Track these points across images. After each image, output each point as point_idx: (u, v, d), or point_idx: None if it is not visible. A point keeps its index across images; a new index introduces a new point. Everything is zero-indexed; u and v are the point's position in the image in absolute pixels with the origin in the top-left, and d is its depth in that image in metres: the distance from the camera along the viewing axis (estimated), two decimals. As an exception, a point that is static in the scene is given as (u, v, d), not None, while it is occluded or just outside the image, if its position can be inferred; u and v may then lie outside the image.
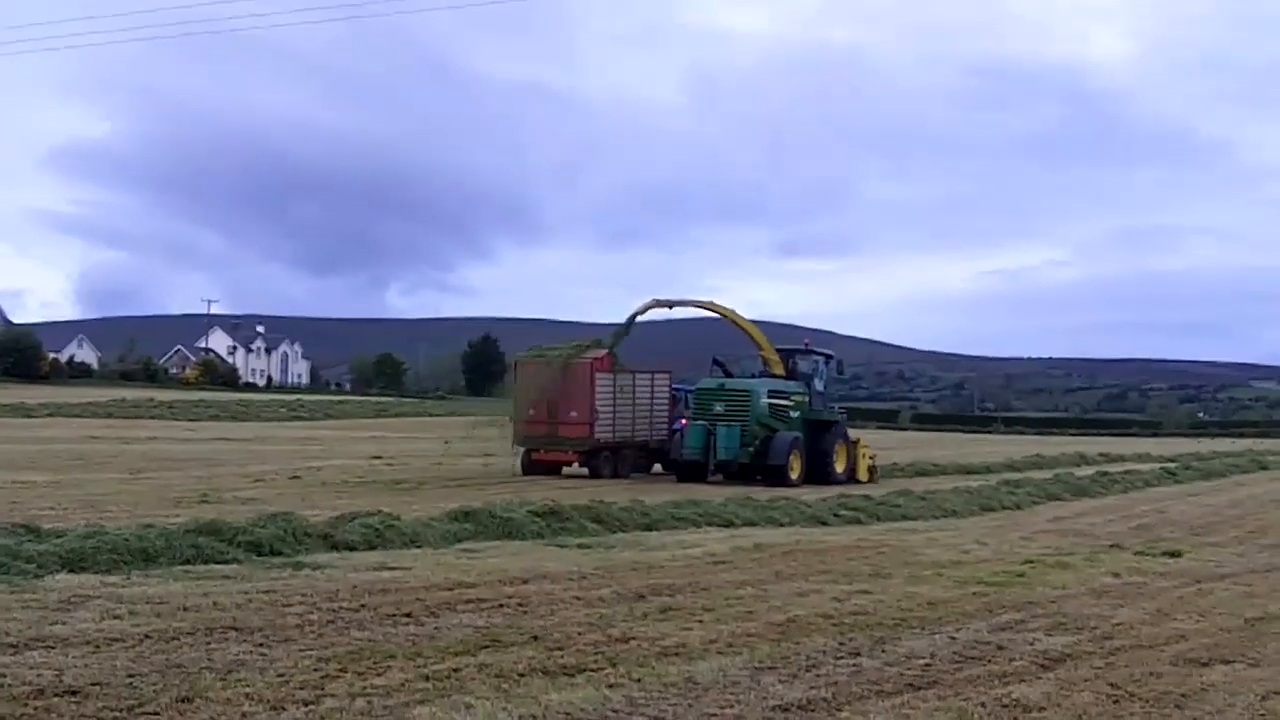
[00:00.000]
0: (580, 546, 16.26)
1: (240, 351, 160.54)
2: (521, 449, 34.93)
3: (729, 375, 36.52)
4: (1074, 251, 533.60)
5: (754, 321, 38.22)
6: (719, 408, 33.75)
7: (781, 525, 20.95)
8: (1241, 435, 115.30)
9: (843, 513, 22.91)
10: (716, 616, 11.17)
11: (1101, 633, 11.24)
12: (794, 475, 32.92)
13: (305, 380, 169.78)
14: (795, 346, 38.12)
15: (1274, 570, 16.87)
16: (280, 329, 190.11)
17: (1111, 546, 19.08)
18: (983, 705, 8.27)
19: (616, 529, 18.58)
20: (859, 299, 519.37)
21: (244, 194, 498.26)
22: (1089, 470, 39.98)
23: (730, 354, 38.98)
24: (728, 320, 37.08)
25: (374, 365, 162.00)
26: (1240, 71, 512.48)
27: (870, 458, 36.49)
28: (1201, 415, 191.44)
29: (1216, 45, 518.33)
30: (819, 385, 36.67)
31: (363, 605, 10.98)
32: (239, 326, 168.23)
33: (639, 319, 36.15)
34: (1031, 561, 16.42)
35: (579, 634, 10.05)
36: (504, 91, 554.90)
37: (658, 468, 36.25)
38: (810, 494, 26.24)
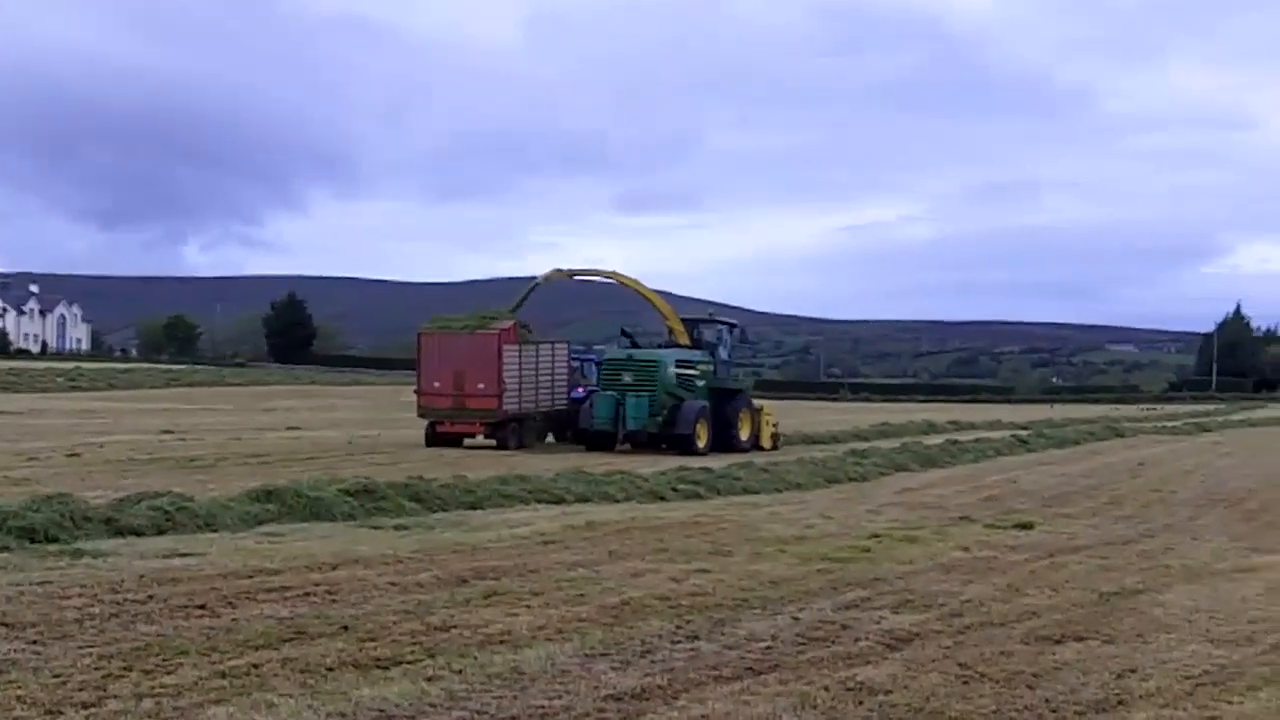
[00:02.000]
0: (397, 528, 16.14)
1: (11, 314, 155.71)
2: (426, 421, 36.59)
3: (636, 345, 38.98)
4: (929, 207, 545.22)
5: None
6: (627, 378, 35.88)
7: (616, 501, 21.03)
8: (1097, 401, 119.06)
9: (681, 487, 23.08)
10: (545, 601, 11.19)
11: (950, 610, 11.52)
12: (701, 444, 34.97)
13: (85, 346, 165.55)
14: (700, 316, 40.90)
15: (1130, 542, 17.47)
16: (58, 289, 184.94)
17: (961, 519, 19.57)
18: (826, 689, 8.43)
19: (437, 508, 18.46)
20: (702, 257, 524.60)
21: (21, 136, 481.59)
22: (938, 439, 40.92)
23: (569, 319, 40.31)
24: (632, 290, 39.60)
25: (164, 329, 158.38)
26: (1102, 15, 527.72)
27: (774, 425, 38.71)
28: (1055, 380, 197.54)
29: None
30: (723, 354, 38.97)
31: (151, 596, 10.75)
32: (9, 285, 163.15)
33: (541, 288, 38.52)
34: (878, 536, 16.77)
35: (394, 623, 9.98)
36: (321, 26, 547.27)
37: (550, 438, 38.22)
38: (647, 467, 26.37)
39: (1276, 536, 18.77)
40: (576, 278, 41.56)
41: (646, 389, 35.60)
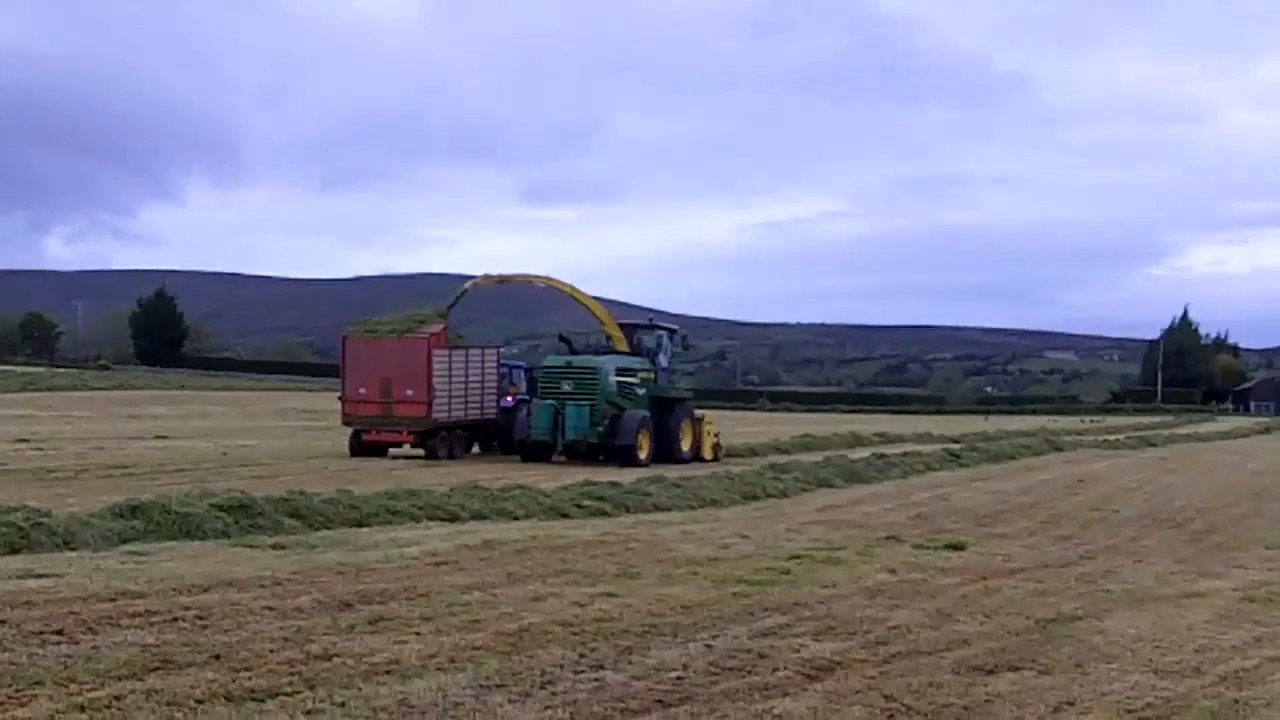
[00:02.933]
0: (274, 547, 16.01)
1: None
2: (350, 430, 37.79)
3: (574, 352, 40.25)
4: (853, 202, 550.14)
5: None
6: (566, 386, 37.05)
7: (515, 519, 21.01)
8: (1034, 413, 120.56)
9: (586, 503, 23.10)
10: (437, 627, 11.15)
11: (875, 637, 11.61)
12: (643, 455, 36.34)
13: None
14: (639, 321, 42.58)
15: (1068, 565, 17.67)
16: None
17: (888, 539, 19.71)
18: (742, 723, 8.46)
19: (319, 525, 18.37)
20: (608, 254, 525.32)
21: None
22: (864, 452, 41.15)
23: (473, 318, 40.79)
24: (567, 295, 41.24)
25: (19, 327, 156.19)
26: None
27: (715, 435, 40.17)
28: (990, 390, 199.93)
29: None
30: (663, 361, 40.16)
31: (2, 621, 10.60)
32: None
33: (470, 294, 39.83)
34: (798, 557, 16.85)
35: (271, 651, 9.91)
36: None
37: (476, 448, 39.62)
38: (549, 482, 26.37)
39: (1225, 559, 19.02)
40: (508, 283, 42.95)
41: (586, 398, 36.63)
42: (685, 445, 38.55)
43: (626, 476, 27.88)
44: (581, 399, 36.66)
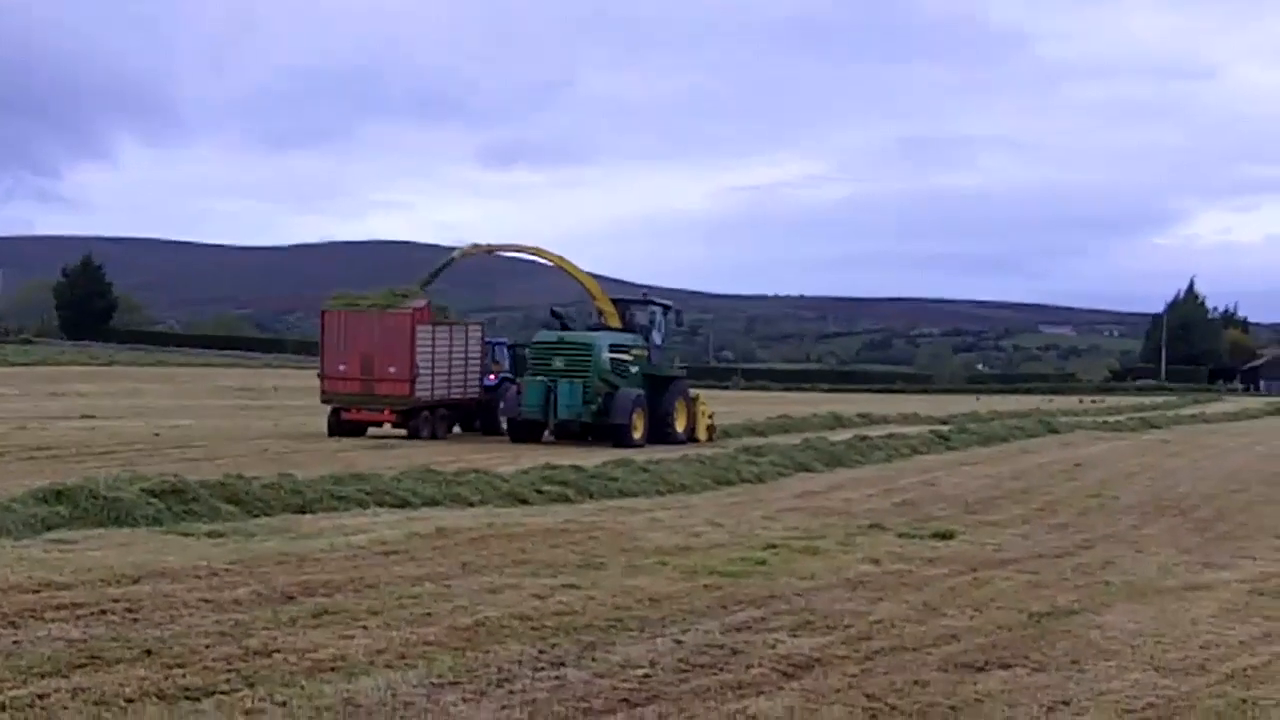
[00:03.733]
0: (211, 535, 16.00)
1: None
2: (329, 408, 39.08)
3: (566, 328, 41.41)
4: (838, 165, 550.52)
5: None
6: (559, 363, 38.22)
7: (471, 505, 21.02)
8: (1028, 392, 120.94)
9: (546, 489, 23.10)
10: (385, 621, 11.16)
11: (857, 632, 11.66)
12: (637, 435, 37.57)
13: None
14: (632, 296, 43.95)
15: (1064, 555, 17.75)
16: None
17: (871, 527, 19.78)
18: (713, 724, 8.50)
19: (259, 512, 18.35)
20: (575, 220, 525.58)
21: None
22: (845, 434, 41.19)
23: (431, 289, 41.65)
24: (558, 267, 42.75)
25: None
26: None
27: (709, 416, 41.41)
28: (981, 367, 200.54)
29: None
30: (657, 338, 41.50)
31: (-84, 614, 10.58)
32: None
33: (456, 265, 41.25)
34: (775, 546, 16.90)
35: (206, 647, 9.91)
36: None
37: (457, 429, 40.86)
38: (507, 465, 26.39)
39: (1232, 549, 19.12)
40: (496, 253, 45.06)
41: (579, 374, 37.74)
42: (680, 426, 39.63)
43: (590, 460, 27.88)
44: (574, 376, 37.63)
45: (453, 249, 42.38)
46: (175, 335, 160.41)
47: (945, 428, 46.31)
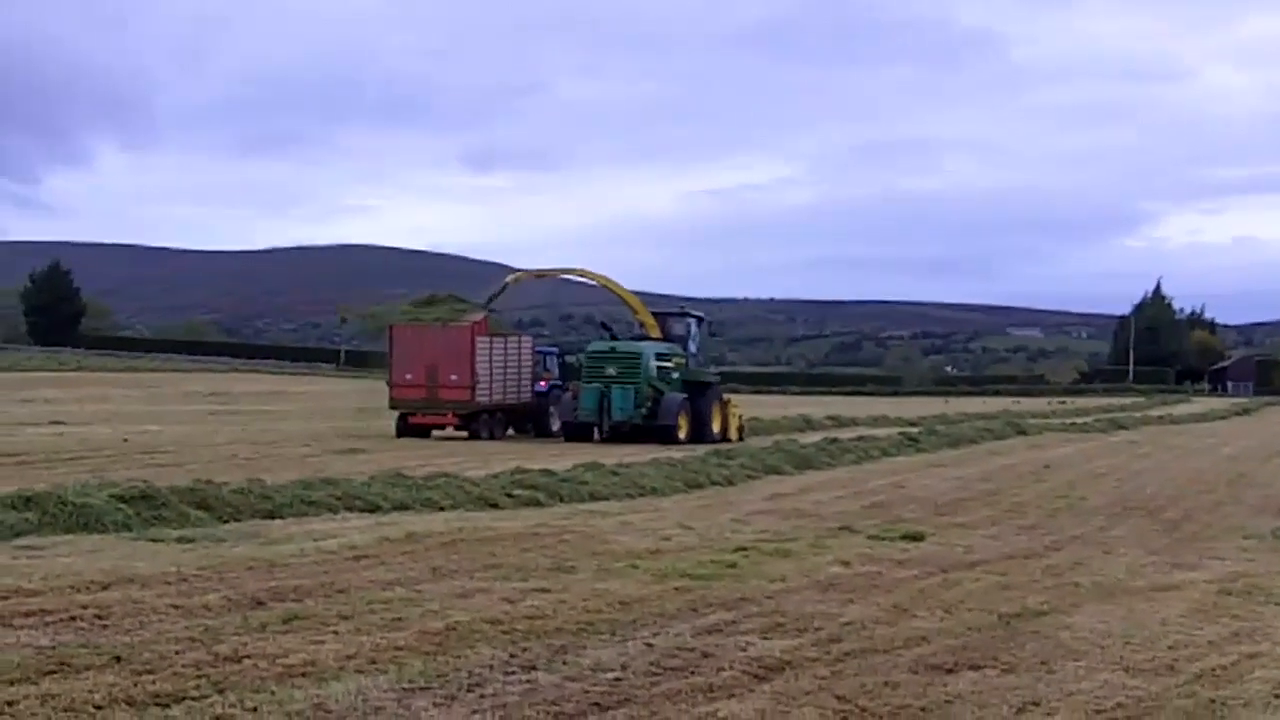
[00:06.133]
0: (180, 540, 15.96)
1: None
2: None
3: (615, 339, 45.79)
4: (806, 169, 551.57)
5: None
6: (611, 370, 42.62)
7: (441, 509, 21.01)
8: (996, 394, 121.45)
9: (517, 492, 23.10)
10: (356, 626, 11.14)
11: (827, 635, 11.66)
12: (682, 435, 41.81)
13: None
14: (670, 310, 48.48)
15: (1033, 556, 17.78)
16: None
17: (840, 529, 19.81)
18: (684, 727, 8.50)
19: (228, 517, 18.34)
20: (542, 224, 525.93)
21: None
22: (815, 437, 41.44)
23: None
24: (602, 286, 48.41)
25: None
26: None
27: (739, 417, 45.69)
28: (949, 370, 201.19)
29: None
30: (693, 347, 46.02)
31: (-117, 622, 10.53)
32: None
33: (510, 289, 47.23)
34: (745, 549, 16.91)
35: (176, 653, 9.87)
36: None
37: (511, 431, 45.58)
38: (478, 469, 26.38)
39: (1200, 549, 19.13)
40: (546, 277, 51.75)
41: (630, 380, 42.24)
42: (715, 426, 43.65)
43: (561, 463, 27.89)
44: (626, 382, 42.09)
45: (505, 274, 47.79)
46: (144, 340, 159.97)
47: (914, 430, 46.39)
